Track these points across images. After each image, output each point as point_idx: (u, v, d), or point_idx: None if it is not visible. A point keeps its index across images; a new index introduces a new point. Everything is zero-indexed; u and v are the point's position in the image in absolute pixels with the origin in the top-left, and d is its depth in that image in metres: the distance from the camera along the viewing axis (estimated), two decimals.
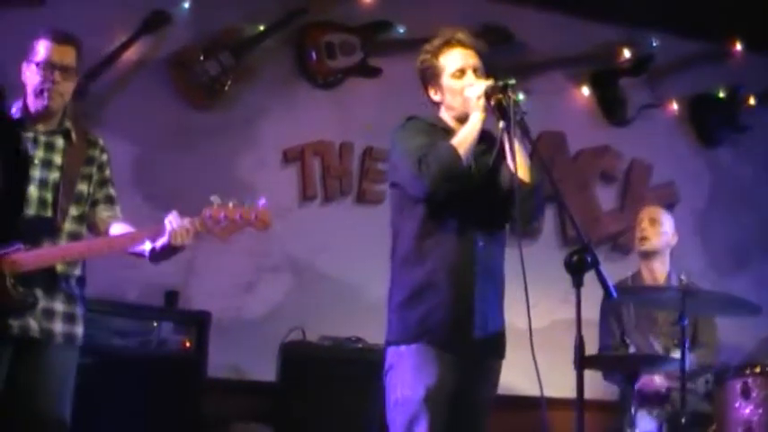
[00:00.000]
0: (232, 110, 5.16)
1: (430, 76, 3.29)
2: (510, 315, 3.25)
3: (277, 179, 5.19)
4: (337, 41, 5.37)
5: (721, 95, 6.20)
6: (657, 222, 4.83)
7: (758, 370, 4.12)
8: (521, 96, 3.15)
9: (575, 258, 2.79)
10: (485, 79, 3.19)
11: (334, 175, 5.34)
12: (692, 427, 4.02)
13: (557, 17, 5.78)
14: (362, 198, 5.37)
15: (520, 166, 3.04)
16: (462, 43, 3.27)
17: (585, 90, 5.97)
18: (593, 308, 4.49)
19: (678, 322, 3.93)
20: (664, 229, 4.82)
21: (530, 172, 3.14)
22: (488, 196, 3.19)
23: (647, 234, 4.81)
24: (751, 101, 6.21)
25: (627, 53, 5.97)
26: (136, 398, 4.11)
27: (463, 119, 3.17)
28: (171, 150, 5.00)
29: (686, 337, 3.93)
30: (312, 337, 4.73)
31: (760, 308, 4.07)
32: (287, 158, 5.25)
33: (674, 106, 6.12)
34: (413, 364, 3.09)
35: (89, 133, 3.56)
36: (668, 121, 6.13)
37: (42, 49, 3.37)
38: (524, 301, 2.85)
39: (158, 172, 4.94)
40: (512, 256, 3.20)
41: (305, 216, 5.24)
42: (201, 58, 5.06)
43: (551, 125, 5.72)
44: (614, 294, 2.84)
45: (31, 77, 3.38)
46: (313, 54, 5.33)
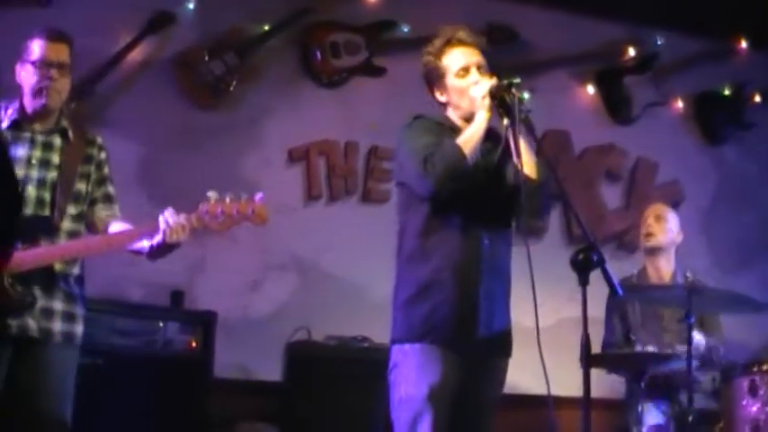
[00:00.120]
0: (237, 110, 5.16)
1: (434, 77, 3.29)
2: (516, 314, 3.24)
3: (282, 179, 5.20)
4: (342, 41, 5.37)
5: (726, 93, 6.19)
6: (663, 219, 4.83)
7: (765, 368, 4.10)
8: (525, 95, 3.13)
9: (581, 257, 2.78)
10: (489, 76, 3.18)
11: (340, 175, 5.34)
12: (699, 425, 4.01)
13: (561, 15, 5.77)
14: (368, 197, 5.37)
15: (526, 163, 3.04)
16: (463, 42, 3.26)
17: (590, 88, 5.96)
18: (599, 306, 4.49)
19: (684, 320, 3.93)
20: (669, 227, 4.82)
21: (536, 168, 3.13)
22: (494, 194, 3.19)
23: (652, 230, 4.80)
24: (756, 98, 6.21)
25: (632, 51, 5.97)
26: (142, 398, 4.11)
27: (470, 118, 3.16)
28: (176, 150, 5.01)
29: (692, 334, 3.93)
30: (318, 337, 4.74)
31: (765, 305, 4.07)
32: (292, 158, 5.26)
33: (679, 104, 6.11)
34: (417, 362, 3.09)
35: (87, 132, 3.55)
36: (673, 119, 6.12)
37: (37, 48, 3.36)
38: (530, 300, 2.84)
39: (163, 172, 4.94)
40: (518, 254, 3.19)
41: (310, 215, 5.25)
42: (206, 58, 5.07)
43: (556, 124, 5.71)
44: (620, 292, 2.84)
45: (28, 77, 3.37)
46: (318, 54, 5.33)
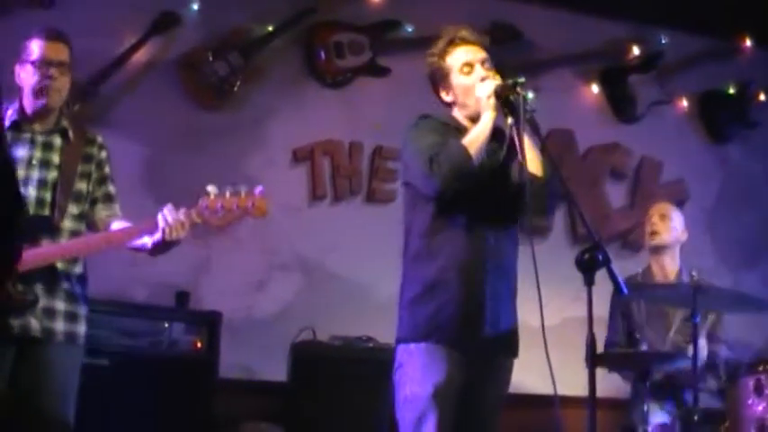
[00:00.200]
0: (241, 110, 5.16)
1: (439, 77, 3.29)
2: (521, 313, 3.24)
3: (286, 179, 5.20)
4: (346, 41, 5.37)
5: (731, 92, 6.18)
6: (667, 218, 4.82)
7: None
8: (530, 95, 3.13)
9: (586, 256, 2.78)
10: (494, 73, 3.19)
11: (344, 175, 5.33)
12: (704, 424, 4.00)
13: (565, 14, 5.77)
14: (372, 197, 5.36)
15: (531, 161, 3.03)
16: (466, 40, 3.27)
17: (595, 87, 5.96)
18: (604, 306, 4.49)
19: (690, 319, 3.93)
20: (674, 225, 4.81)
21: (541, 166, 3.13)
22: (499, 193, 3.18)
23: (657, 229, 4.79)
24: (761, 97, 6.20)
25: (636, 50, 5.96)
26: (147, 398, 4.12)
27: (476, 118, 3.16)
28: (180, 151, 5.01)
29: (698, 333, 3.92)
30: (323, 337, 4.73)
31: None
32: (296, 158, 5.26)
33: (683, 103, 6.10)
34: (422, 362, 3.09)
35: (87, 131, 3.54)
36: (678, 118, 6.11)
37: (36, 48, 3.36)
38: (535, 300, 2.84)
39: (168, 172, 4.94)
40: (523, 254, 3.20)
41: (315, 216, 5.25)
42: (210, 58, 5.07)
43: (560, 123, 5.70)
44: (625, 291, 2.83)
45: (28, 77, 3.37)
46: (322, 54, 5.33)
